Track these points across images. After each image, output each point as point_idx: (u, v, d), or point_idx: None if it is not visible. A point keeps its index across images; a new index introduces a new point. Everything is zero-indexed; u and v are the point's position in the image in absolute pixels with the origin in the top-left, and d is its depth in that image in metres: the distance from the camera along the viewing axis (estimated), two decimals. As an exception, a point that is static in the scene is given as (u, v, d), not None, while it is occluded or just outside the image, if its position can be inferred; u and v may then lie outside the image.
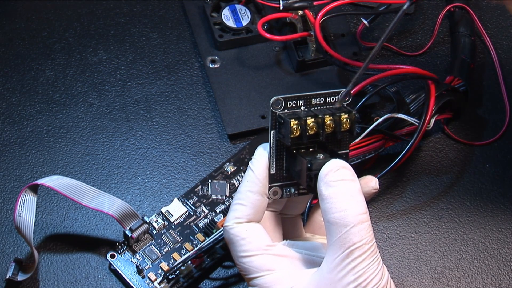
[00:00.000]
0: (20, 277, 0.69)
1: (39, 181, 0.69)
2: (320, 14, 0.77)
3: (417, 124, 0.73)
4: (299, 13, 0.79)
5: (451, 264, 0.73)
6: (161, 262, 0.70)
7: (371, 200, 0.75)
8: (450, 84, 0.78)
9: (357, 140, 0.72)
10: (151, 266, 0.70)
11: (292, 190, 0.63)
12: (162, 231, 0.72)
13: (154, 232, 0.72)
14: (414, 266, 0.72)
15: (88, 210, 0.73)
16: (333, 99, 0.61)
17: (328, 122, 0.60)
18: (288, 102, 0.60)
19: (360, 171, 0.75)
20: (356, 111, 0.62)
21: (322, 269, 0.59)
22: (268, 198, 0.62)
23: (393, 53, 0.84)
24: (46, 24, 0.84)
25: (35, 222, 0.69)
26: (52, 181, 0.69)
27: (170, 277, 0.69)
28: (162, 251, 0.71)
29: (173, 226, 0.72)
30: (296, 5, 0.78)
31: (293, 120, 0.59)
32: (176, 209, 0.73)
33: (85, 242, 0.72)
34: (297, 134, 0.60)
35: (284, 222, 0.66)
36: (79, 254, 0.71)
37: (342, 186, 0.58)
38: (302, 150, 0.61)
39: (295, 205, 0.66)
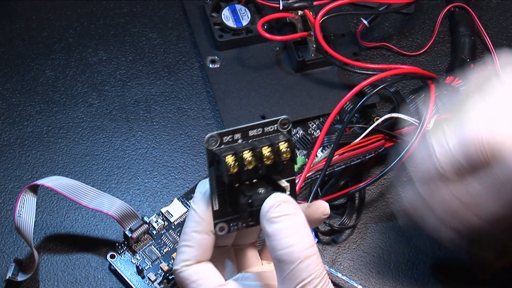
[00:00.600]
0: (20, 278, 0.69)
1: (39, 182, 0.69)
2: (320, 14, 0.77)
3: (417, 124, 0.73)
4: (299, 13, 0.79)
5: (451, 264, 0.73)
6: (161, 262, 0.70)
7: (371, 201, 0.75)
8: (450, 84, 0.78)
9: (357, 140, 0.72)
10: (151, 266, 0.70)
11: (240, 224, 0.60)
12: (162, 232, 0.72)
13: (154, 232, 0.72)
14: (414, 266, 0.72)
15: (88, 210, 0.73)
16: (271, 128, 0.59)
17: (267, 154, 0.58)
18: (224, 138, 0.58)
19: (360, 171, 0.75)
20: (294, 139, 0.60)
21: None
22: (215, 234, 0.60)
23: (393, 53, 0.84)
24: (46, 24, 0.84)
25: (35, 223, 0.69)
26: (52, 182, 0.69)
27: (170, 277, 0.69)
28: (162, 251, 0.71)
29: (173, 227, 0.72)
30: (296, 5, 0.78)
31: (229, 156, 0.57)
32: (176, 210, 0.73)
33: (85, 243, 0.72)
34: (234, 170, 0.57)
35: (237, 253, 0.65)
36: (79, 254, 0.71)
37: (285, 222, 0.57)
38: (246, 182, 0.58)
39: (246, 235, 0.65)
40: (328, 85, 0.81)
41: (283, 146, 0.58)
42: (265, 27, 0.81)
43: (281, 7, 0.78)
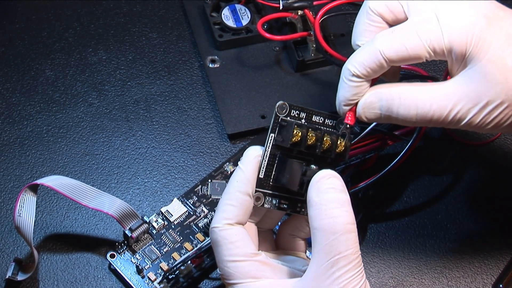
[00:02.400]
0: (20, 277, 0.69)
1: (39, 181, 0.69)
2: (320, 13, 0.77)
3: (417, 124, 0.73)
4: (299, 13, 0.79)
5: (451, 264, 0.73)
6: (161, 262, 0.70)
7: (371, 201, 0.75)
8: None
9: (357, 140, 0.72)
10: (151, 266, 0.70)
11: (273, 202, 0.62)
12: (162, 231, 0.72)
13: (154, 232, 0.72)
14: (414, 266, 0.72)
15: (88, 210, 0.73)
16: (331, 122, 0.63)
17: (326, 139, 0.61)
18: (292, 110, 0.61)
19: (360, 171, 0.75)
20: (351, 142, 0.63)
21: (306, 277, 0.58)
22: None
23: (393, 53, 0.84)
24: (46, 24, 0.84)
25: (35, 222, 0.69)
26: (52, 181, 0.69)
27: (170, 277, 0.69)
28: (162, 251, 0.71)
29: (173, 226, 0.72)
30: (296, 5, 0.78)
31: (296, 126, 0.60)
32: (176, 209, 0.73)
33: (85, 242, 0.72)
34: (297, 140, 0.60)
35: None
36: (79, 254, 0.71)
37: (332, 194, 0.59)
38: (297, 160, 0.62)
39: (269, 219, 0.65)
40: (328, 85, 0.81)
41: (341, 140, 0.62)
42: (265, 27, 0.81)
43: (281, 7, 0.78)
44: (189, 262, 0.69)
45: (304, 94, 0.80)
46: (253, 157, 0.61)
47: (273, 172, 0.61)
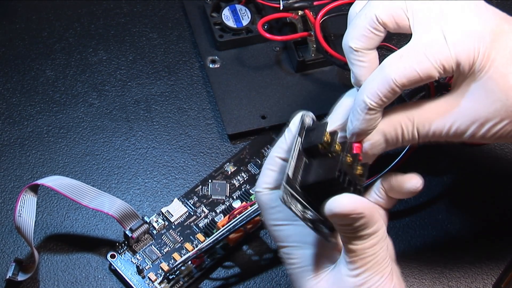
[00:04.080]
0: (20, 277, 0.69)
1: (39, 181, 0.69)
2: (320, 14, 0.77)
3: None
4: (299, 13, 0.80)
5: (451, 264, 0.73)
6: (161, 262, 0.70)
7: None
8: (450, 83, 0.77)
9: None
10: (151, 266, 0.70)
11: (298, 207, 0.57)
12: (162, 231, 0.72)
13: (154, 232, 0.72)
14: (414, 266, 0.72)
15: (88, 210, 0.73)
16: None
17: (348, 160, 0.58)
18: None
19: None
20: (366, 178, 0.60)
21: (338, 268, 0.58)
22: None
23: (393, 53, 0.84)
24: (46, 24, 0.84)
25: (35, 222, 0.69)
26: (52, 181, 0.69)
27: (170, 277, 0.69)
28: (162, 251, 0.71)
29: (173, 226, 0.72)
30: (296, 5, 0.78)
31: (327, 132, 0.58)
32: (176, 209, 0.73)
33: (85, 242, 0.72)
34: (328, 140, 0.58)
35: None
36: (79, 254, 0.71)
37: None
38: None
39: None
40: (328, 85, 0.81)
41: (359, 168, 0.59)
42: (265, 27, 0.81)
43: (281, 7, 0.78)
44: (190, 262, 0.69)
45: (305, 95, 0.80)
46: (297, 127, 0.59)
47: (299, 176, 0.58)
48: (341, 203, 0.55)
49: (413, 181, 0.62)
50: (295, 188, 0.57)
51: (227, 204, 0.73)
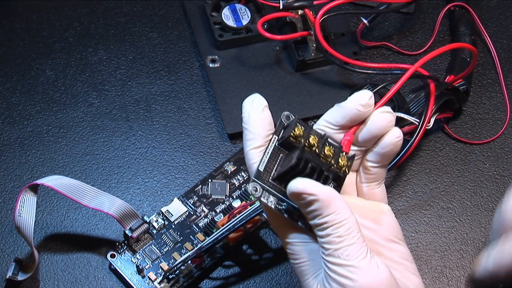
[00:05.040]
0: (20, 277, 0.69)
1: (39, 181, 0.69)
2: (320, 13, 0.77)
3: (417, 123, 0.73)
4: (299, 13, 0.79)
5: (452, 264, 0.73)
6: (161, 261, 0.70)
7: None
8: (451, 83, 0.78)
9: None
10: (151, 265, 0.70)
11: (271, 199, 0.58)
12: (162, 231, 0.72)
13: (154, 231, 0.72)
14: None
15: (88, 210, 0.73)
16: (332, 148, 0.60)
17: (326, 151, 0.59)
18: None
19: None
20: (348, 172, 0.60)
21: None
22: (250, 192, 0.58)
23: (393, 52, 0.84)
24: (46, 24, 0.84)
25: (35, 222, 0.69)
26: (52, 181, 0.69)
27: (170, 276, 0.69)
28: (162, 250, 0.71)
29: (173, 226, 0.72)
30: (296, 4, 0.78)
31: (298, 123, 0.58)
32: (176, 209, 0.73)
33: (85, 242, 0.72)
34: (299, 133, 0.58)
35: None
36: (79, 254, 0.71)
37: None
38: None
39: None
40: (328, 85, 0.81)
41: (343, 160, 0.59)
42: (265, 26, 0.81)
43: (281, 7, 0.78)
44: (190, 262, 0.69)
45: (304, 94, 0.80)
46: (253, 110, 0.59)
47: (273, 170, 0.59)
48: (293, 182, 0.57)
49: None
50: (267, 181, 0.58)
51: (227, 204, 0.73)
